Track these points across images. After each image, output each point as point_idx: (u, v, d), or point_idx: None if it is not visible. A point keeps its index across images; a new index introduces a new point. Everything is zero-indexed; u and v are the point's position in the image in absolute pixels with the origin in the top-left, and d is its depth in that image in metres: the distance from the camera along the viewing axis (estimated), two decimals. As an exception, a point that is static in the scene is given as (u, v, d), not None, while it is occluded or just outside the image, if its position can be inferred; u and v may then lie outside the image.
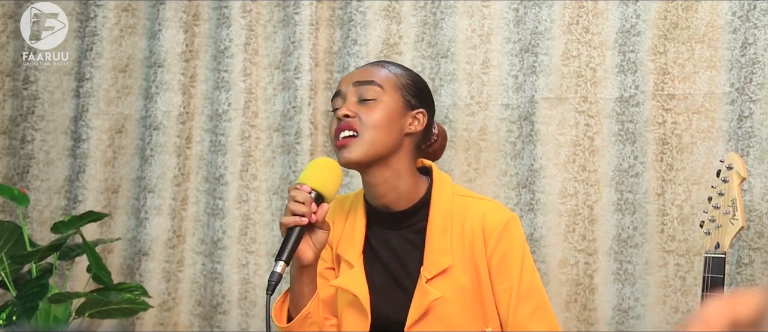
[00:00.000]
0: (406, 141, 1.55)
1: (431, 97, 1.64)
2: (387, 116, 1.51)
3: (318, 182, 1.43)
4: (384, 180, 1.53)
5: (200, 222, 2.42)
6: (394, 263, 1.56)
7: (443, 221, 1.54)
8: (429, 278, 1.50)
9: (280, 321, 1.49)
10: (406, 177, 1.55)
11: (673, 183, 2.10)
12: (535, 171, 2.18)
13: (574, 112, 2.18)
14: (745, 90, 2.03)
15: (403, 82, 1.56)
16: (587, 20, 2.19)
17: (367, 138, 1.48)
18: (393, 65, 1.61)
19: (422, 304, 1.49)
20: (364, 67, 1.61)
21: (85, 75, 2.47)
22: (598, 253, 2.15)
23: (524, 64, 2.22)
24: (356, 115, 1.50)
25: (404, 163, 1.55)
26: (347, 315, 1.55)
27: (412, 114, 1.55)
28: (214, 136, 2.41)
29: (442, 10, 2.29)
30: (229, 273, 2.35)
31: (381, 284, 1.56)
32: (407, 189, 1.55)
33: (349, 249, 1.58)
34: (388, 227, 1.58)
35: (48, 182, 2.51)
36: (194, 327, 2.40)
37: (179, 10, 2.44)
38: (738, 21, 2.06)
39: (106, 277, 2.00)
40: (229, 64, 2.39)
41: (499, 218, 1.52)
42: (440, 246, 1.52)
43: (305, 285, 1.46)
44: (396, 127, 1.52)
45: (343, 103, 1.53)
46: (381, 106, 1.51)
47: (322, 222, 1.43)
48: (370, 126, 1.49)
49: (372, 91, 1.52)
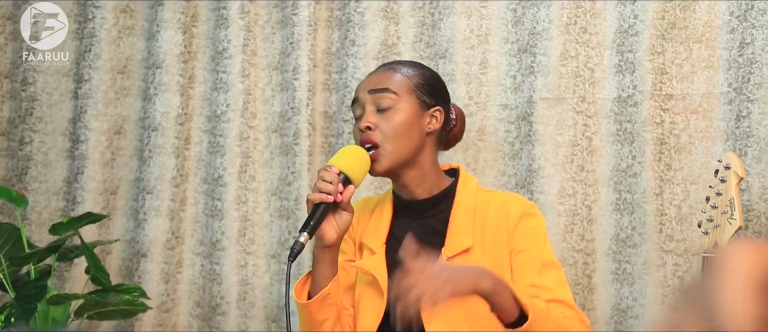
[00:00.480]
0: (428, 140, 1.64)
1: (445, 90, 1.71)
2: (405, 122, 1.58)
3: (346, 165, 1.51)
4: (411, 179, 1.63)
5: (199, 224, 2.42)
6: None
7: (467, 209, 1.61)
8: (450, 257, 1.56)
9: (301, 299, 1.54)
10: (431, 172, 1.64)
11: (672, 183, 2.10)
12: (533, 171, 2.18)
13: (573, 112, 2.18)
14: (743, 90, 2.03)
15: (416, 82, 1.62)
16: (585, 20, 2.19)
17: (390, 148, 1.57)
18: (405, 66, 1.66)
19: None
20: (377, 72, 1.67)
21: (83, 76, 2.46)
22: (597, 253, 2.15)
23: (522, 65, 2.22)
24: (376, 127, 1.57)
25: (429, 160, 1.64)
26: (365, 296, 1.60)
27: (430, 113, 1.63)
28: (212, 137, 2.40)
29: (440, 11, 2.29)
30: (228, 274, 2.35)
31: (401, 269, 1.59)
32: (432, 183, 1.64)
33: (372, 237, 1.65)
34: (414, 216, 1.65)
35: (46, 183, 2.51)
36: (193, 328, 2.40)
37: (177, 12, 2.44)
38: (736, 21, 2.07)
39: (104, 279, 2.00)
40: (228, 65, 2.39)
41: (521, 203, 1.61)
42: (462, 229, 1.59)
43: (327, 265, 1.52)
44: (415, 130, 1.60)
45: (361, 111, 1.61)
46: (398, 113, 1.58)
47: (346, 204, 1.51)
48: (390, 136, 1.57)
49: (387, 99, 1.59)
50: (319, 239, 1.51)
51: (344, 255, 1.67)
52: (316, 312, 1.52)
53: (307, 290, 1.56)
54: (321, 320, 1.52)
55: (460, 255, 1.55)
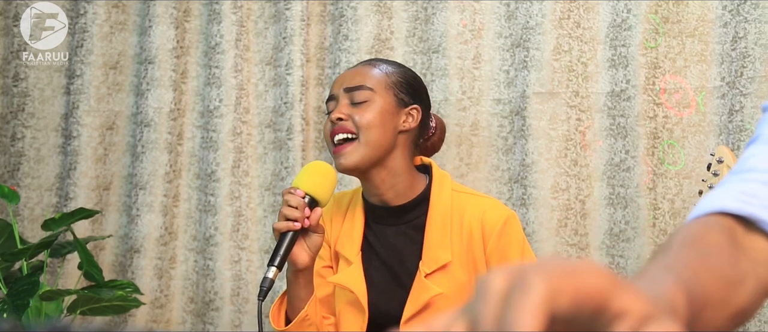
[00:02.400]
0: (401, 138, 1.56)
1: (425, 92, 1.65)
2: (379, 115, 1.52)
3: (311, 186, 1.44)
4: (381, 180, 1.55)
5: (192, 219, 2.42)
6: (392, 258, 1.57)
7: (442, 217, 1.54)
8: (428, 273, 1.50)
9: (278, 325, 1.49)
10: (403, 175, 1.56)
11: (665, 178, 2.11)
12: (526, 166, 2.18)
13: (566, 106, 2.18)
14: (736, 84, 2.04)
15: (394, 80, 1.57)
16: (578, 15, 2.19)
17: (363, 140, 1.50)
18: (384, 63, 1.61)
19: (421, 299, 1.49)
20: (355, 68, 1.62)
21: (75, 72, 2.45)
22: (590, 248, 2.15)
23: (516, 59, 2.22)
24: (349, 118, 1.51)
25: (400, 162, 1.56)
26: (345, 312, 1.56)
27: (406, 111, 1.57)
28: (205, 133, 2.40)
29: (434, 6, 2.28)
30: (222, 269, 2.35)
31: (379, 280, 1.57)
32: (404, 187, 1.56)
33: (347, 246, 1.58)
34: (387, 223, 1.58)
35: (39, 179, 2.50)
36: (187, 324, 2.39)
37: (170, 7, 2.43)
38: (728, 15, 2.07)
39: (97, 274, 1.99)
40: (220, 60, 2.38)
41: (498, 216, 1.52)
42: (439, 241, 1.52)
43: (302, 288, 1.47)
44: (389, 126, 1.53)
45: (335, 106, 1.55)
46: (373, 107, 1.52)
47: (316, 226, 1.43)
48: (363, 126, 1.50)
49: (362, 94, 1.53)
50: (291, 264, 1.45)
51: (322, 260, 1.61)
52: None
53: (284, 311, 1.52)
54: None
55: (438, 271, 1.50)
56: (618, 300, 0.41)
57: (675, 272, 0.59)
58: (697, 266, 0.61)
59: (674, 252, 0.64)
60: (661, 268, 0.60)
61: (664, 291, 0.54)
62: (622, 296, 0.41)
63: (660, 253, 0.64)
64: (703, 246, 0.65)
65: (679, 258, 0.62)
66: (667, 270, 0.59)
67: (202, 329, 2.37)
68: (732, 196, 0.71)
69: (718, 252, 0.65)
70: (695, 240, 0.66)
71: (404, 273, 1.55)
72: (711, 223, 0.69)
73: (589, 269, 0.42)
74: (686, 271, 0.60)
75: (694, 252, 0.64)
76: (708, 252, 0.64)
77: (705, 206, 0.72)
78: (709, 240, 0.67)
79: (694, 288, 0.58)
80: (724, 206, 0.70)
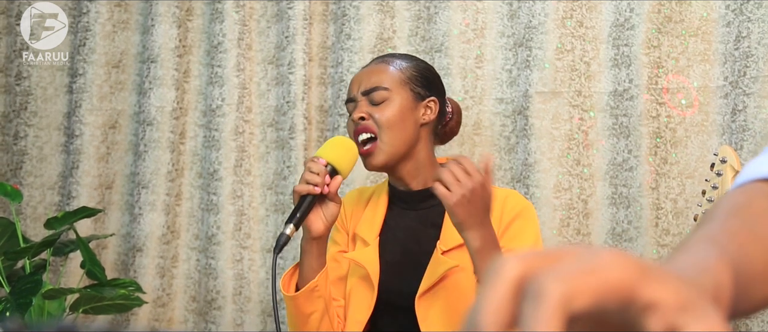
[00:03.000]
0: (423, 131, 1.62)
1: (440, 81, 1.70)
2: (399, 113, 1.57)
3: (333, 156, 1.50)
4: (407, 172, 1.62)
5: (194, 218, 2.42)
6: (411, 240, 1.62)
7: None
8: (445, 251, 1.55)
9: (288, 291, 1.53)
10: (428, 164, 1.63)
11: (668, 177, 2.10)
12: (529, 165, 2.18)
13: (568, 106, 2.18)
14: (739, 83, 2.03)
15: (409, 75, 1.62)
16: (581, 14, 2.19)
17: (386, 139, 1.56)
18: (397, 59, 1.65)
19: (437, 272, 1.53)
20: (369, 68, 1.65)
21: (78, 71, 2.45)
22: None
23: (518, 59, 2.22)
24: (370, 117, 1.57)
25: (424, 152, 1.63)
26: (356, 288, 1.60)
27: (424, 104, 1.62)
28: (207, 132, 2.40)
29: (436, 5, 2.28)
30: (224, 268, 2.35)
31: (394, 261, 1.61)
32: (427, 174, 1.62)
33: (366, 228, 1.64)
34: (409, 207, 1.64)
35: (41, 178, 2.50)
36: (189, 322, 2.40)
37: (172, 6, 2.43)
38: (731, 14, 2.06)
39: (100, 273, 1.99)
40: (223, 59, 2.38)
41: (518, 201, 1.59)
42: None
43: (314, 258, 1.51)
44: (410, 121, 1.59)
45: (355, 107, 1.60)
46: (391, 104, 1.57)
47: (334, 195, 1.49)
48: (384, 125, 1.56)
49: (379, 95, 1.58)
50: (306, 231, 1.50)
51: (337, 245, 1.67)
52: (303, 305, 1.51)
53: (295, 282, 1.55)
54: (308, 312, 1.51)
55: (455, 250, 1.54)
56: (645, 291, 0.38)
57: (720, 245, 0.55)
58: (744, 237, 0.58)
59: (720, 221, 0.60)
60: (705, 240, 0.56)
61: (708, 268, 0.51)
62: (650, 286, 0.38)
63: (704, 223, 0.61)
64: (750, 214, 0.62)
65: (724, 229, 0.59)
66: (712, 243, 0.55)
67: (204, 328, 2.37)
68: None
69: (765, 221, 0.62)
70: (741, 208, 0.63)
71: (421, 254, 1.58)
72: (757, 190, 0.66)
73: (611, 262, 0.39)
74: (732, 243, 0.56)
75: (740, 222, 0.61)
76: (755, 222, 0.61)
77: (749, 173, 0.68)
78: (755, 208, 0.63)
79: (741, 262, 0.54)
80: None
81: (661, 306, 0.38)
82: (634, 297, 0.38)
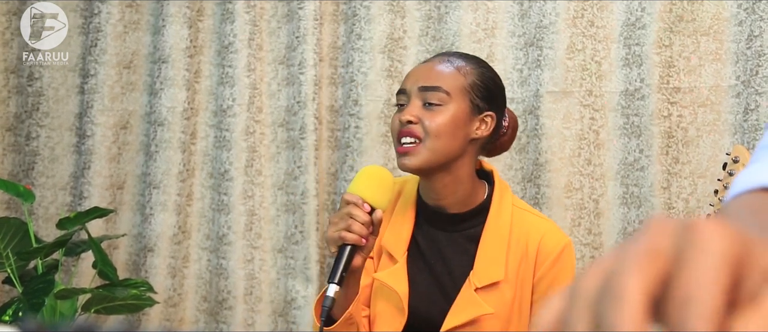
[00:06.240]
0: (471, 147, 1.50)
1: (502, 94, 1.56)
2: (452, 123, 1.45)
3: (377, 199, 1.39)
4: (443, 185, 1.49)
5: (205, 218, 2.42)
6: (440, 265, 1.52)
7: (500, 232, 1.48)
8: (478, 287, 1.45)
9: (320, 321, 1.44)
10: (467, 182, 1.50)
11: (679, 177, 2.10)
12: (540, 165, 2.17)
13: (579, 105, 2.18)
14: (751, 82, 2.03)
15: (471, 82, 1.48)
16: (592, 13, 2.18)
17: (430, 145, 1.44)
18: (462, 61, 1.52)
19: (468, 312, 1.44)
20: (431, 63, 1.53)
21: (89, 71, 2.46)
22: (604, 247, 2.14)
23: (529, 58, 2.22)
24: (419, 121, 1.45)
25: (466, 169, 1.50)
26: (384, 309, 1.51)
27: (480, 117, 1.49)
28: (218, 132, 2.40)
29: (447, 5, 2.28)
30: (235, 268, 2.35)
31: (423, 283, 1.52)
32: (465, 195, 1.51)
33: (394, 243, 1.53)
34: (439, 227, 1.53)
35: (53, 178, 2.51)
36: (200, 322, 2.40)
37: (183, 6, 2.44)
38: (744, 13, 2.06)
39: (111, 273, 2.00)
40: (234, 59, 2.39)
41: (556, 242, 1.47)
42: (494, 257, 1.47)
43: (349, 287, 1.41)
44: (460, 134, 1.46)
45: (406, 101, 1.48)
46: (445, 112, 1.45)
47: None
48: (433, 134, 1.44)
49: (437, 96, 1.45)
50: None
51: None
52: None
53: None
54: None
55: (489, 288, 1.45)
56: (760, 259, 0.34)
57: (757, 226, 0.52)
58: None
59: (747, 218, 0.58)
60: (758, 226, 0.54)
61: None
62: (762, 253, 0.34)
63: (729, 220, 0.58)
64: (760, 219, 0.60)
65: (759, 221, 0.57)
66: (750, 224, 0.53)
67: (216, 328, 2.38)
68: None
69: None
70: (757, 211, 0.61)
71: (450, 283, 1.50)
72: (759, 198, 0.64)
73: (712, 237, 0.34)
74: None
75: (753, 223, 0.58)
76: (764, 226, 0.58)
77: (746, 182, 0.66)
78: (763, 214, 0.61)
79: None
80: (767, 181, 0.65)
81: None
82: (747, 268, 0.34)
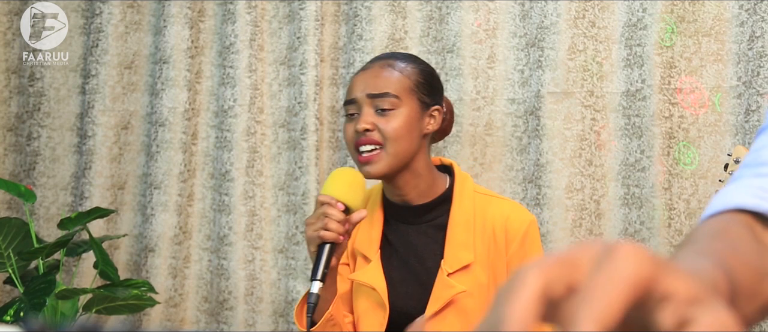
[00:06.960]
0: (424, 140, 1.57)
1: (441, 85, 1.64)
2: (407, 125, 1.52)
3: (349, 197, 1.44)
4: (405, 182, 1.56)
5: (206, 219, 2.42)
6: (412, 258, 1.57)
7: (465, 217, 1.54)
8: (450, 272, 1.50)
9: (303, 325, 1.49)
10: (425, 174, 1.57)
11: (680, 178, 2.10)
12: (541, 166, 2.17)
13: (581, 106, 2.17)
14: (753, 83, 2.02)
15: (415, 81, 1.55)
16: (593, 14, 2.18)
17: (391, 150, 1.50)
18: (402, 61, 1.58)
19: (443, 296, 1.49)
20: (374, 69, 1.58)
21: (90, 72, 2.47)
22: (605, 248, 2.14)
23: (530, 59, 2.22)
24: (375, 128, 1.51)
25: (423, 162, 1.57)
26: (366, 307, 1.56)
27: (429, 113, 1.57)
28: (219, 132, 2.40)
29: (448, 5, 2.28)
30: (236, 269, 2.35)
31: (399, 278, 1.57)
32: (427, 186, 1.57)
33: (366, 244, 1.59)
34: (407, 222, 1.59)
35: (54, 179, 2.51)
36: (201, 323, 2.40)
37: (184, 7, 2.44)
38: (745, 14, 2.06)
39: (112, 273, 2.00)
40: (235, 60, 2.39)
41: (522, 220, 1.53)
42: (462, 241, 1.52)
43: (327, 289, 1.45)
44: (415, 133, 1.54)
45: (357, 110, 1.53)
46: (399, 116, 1.52)
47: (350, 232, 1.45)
48: (391, 138, 1.50)
49: (388, 102, 1.52)
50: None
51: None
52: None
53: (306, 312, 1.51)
54: None
55: (460, 271, 1.51)
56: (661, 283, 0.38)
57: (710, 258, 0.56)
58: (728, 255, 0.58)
59: (703, 242, 0.61)
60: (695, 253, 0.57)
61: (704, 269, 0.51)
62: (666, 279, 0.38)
63: (687, 244, 0.61)
64: (730, 238, 0.63)
65: (709, 248, 0.60)
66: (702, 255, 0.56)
67: (216, 328, 2.38)
68: (748, 192, 0.69)
69: (745, 245, 0.63)
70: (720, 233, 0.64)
71: (424, 272, 1.55)
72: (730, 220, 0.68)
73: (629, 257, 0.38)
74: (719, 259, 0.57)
75: (723, 244, 0.61)
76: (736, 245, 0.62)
77: (721, 203, 0.70)
78: (733, 233, 0.64)
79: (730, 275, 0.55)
80: (741, 202, 0.68)
81: (674, 299, 0.38)
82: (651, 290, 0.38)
